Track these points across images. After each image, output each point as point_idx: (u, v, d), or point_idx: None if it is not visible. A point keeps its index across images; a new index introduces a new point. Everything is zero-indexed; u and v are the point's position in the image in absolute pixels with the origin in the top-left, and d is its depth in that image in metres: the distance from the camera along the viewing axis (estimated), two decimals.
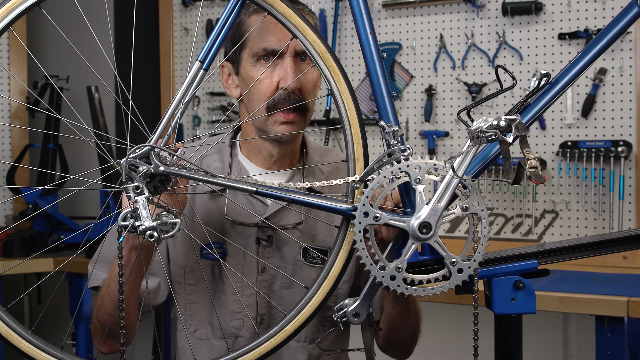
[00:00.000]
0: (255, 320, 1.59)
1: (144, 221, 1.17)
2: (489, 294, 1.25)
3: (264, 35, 1.52)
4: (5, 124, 3.71)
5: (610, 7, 2.86)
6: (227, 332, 1.59)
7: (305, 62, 1.54)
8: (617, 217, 2.82)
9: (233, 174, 1.62)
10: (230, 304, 1.59)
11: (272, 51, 1.52)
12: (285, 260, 1.60)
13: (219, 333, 1.60)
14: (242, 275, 1.58)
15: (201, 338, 1.62)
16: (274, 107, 1.51)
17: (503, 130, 1.15)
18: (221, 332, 1.59)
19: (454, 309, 2.62)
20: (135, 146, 1.21)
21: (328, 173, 1.69)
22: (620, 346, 2.23)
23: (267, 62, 1.52)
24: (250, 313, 1.58)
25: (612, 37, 1.21)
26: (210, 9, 3.65)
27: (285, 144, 1.60)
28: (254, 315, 1.59)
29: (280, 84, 1.51)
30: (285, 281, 1.60)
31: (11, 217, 3.72)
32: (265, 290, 1.60)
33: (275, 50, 1.51)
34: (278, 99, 1.51)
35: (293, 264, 1.61)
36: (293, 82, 1.49)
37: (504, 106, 3.02)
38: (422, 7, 3.19)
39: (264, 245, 1.59)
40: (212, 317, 1.60)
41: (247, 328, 1.59)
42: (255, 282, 1.59)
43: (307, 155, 1.68)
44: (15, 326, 1.23)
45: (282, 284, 1.60)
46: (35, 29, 4.06)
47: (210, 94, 3.64)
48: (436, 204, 1.20)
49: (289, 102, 1.51)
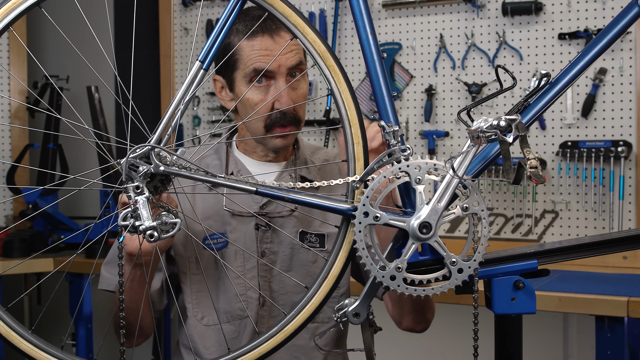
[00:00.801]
0: (258, 301, 1.66)
1: (144, 221, 1.17)
2: (489, 294, 1.25)
3: (253, 57, 1.61)
4: (5, 124, 3.71)
5: (610, 7, 2.86)
6: (233, 315, 1.67)
7: (295, 77, 1.64)
8: (617, 217, 2.82)
9: (230, 167, 1.71)
10: (234, 287, 1.66)
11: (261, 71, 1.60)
12: (283, 244, 1.69)
13: (225, 317, 1.67)
14: (243, 261, 1.67)
15: (209, 324, 1.69)
16: (271, 125, 1.62)
17: (503, 130, 1.15)
18: (227, 316, 1.67)
19: (454, 309, 2.62)
20: (136, 146, 1.21)
21: (318, 169, 1.79)
22: (620, 346, 2.23)
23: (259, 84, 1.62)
24: (253, 294, 1.66)
25: (612, 37, 1.21)
26: (210, 9, 3.65)
27: (280, 150, 1.71)
28: (256, 296, 1.66)
29: (275, 105, 1.61)
30: (284, 265, 1.68)
31: (11, 217, 3.72)
32: (266, 274, 1.68)
33: (268, 70, 1.60)
34: (275, 118, 1.62)
35: (291, 248, 1.69)
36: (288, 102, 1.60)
37: (504, 106, 3.02)
38: (422, 7, 3.19)
39: (263, 230, 1.67)
40: (218, 303, 1.68)
41: (252, 309, 1.66)
42: (257, 265, 1.67)
43: (298, 149, 1.78)
44: (15, 326, 1.23)
45: (282, 267, 1.68)
46: (35, 29, 4.06)
47: (210, 94, 3.64)
48: (436, 204, 1.20)
49: (284, 121, 1.62)
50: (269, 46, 1.60)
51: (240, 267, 1.67)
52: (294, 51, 1.62)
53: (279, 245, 1.69)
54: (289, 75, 1.63)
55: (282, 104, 1.60)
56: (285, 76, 1.62)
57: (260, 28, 1.60)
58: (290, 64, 1.61)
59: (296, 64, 1.62)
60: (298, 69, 1.64)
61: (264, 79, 1.61)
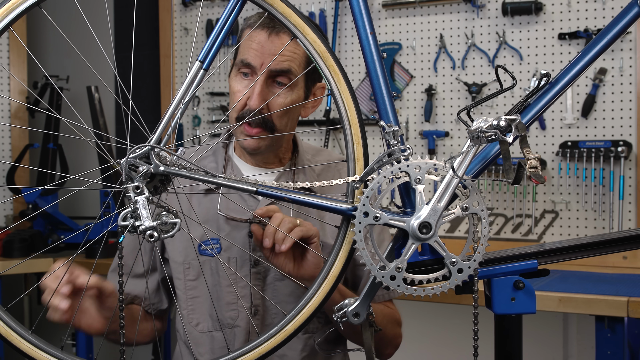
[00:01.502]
0: (249, 310, 1.63)
1: (144, 221, 1.17)
2: (489, 294, 1.25)
3: (246, 48, 1.59)
4: (5, 124, 3.71)
5: (610, 7, 2.86)
6: (224, 323, 1.65)
7: (280, 87, 1.59)
8: (617, 217, 2.82)
9: (227, 172, 1.69)
10: (226, 295, 1.64)
11: (247, 64, 1.58)
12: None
13: (218, 324, 1.65)
14: (236, 268, 1.64)
15: (203, 331, 1.67)
16: (240, 119, 1.58)
17: (503, 130, 1.15)
18: (219, 323, 1.64)
19: (454, 309, 2.62)
20: (135, 146, 1.21)
21: (319, 171, 1.75)
22: (620, 346, 2.23)
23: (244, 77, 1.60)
24: (244, 304, 1.63)
25: (612, 37, 1.21)
26: (210, 9, 3.65)
27: (253, 155, 1.68)
28: (248, 305, 1.63)
29: (247, 102, 1.57)
30: (278, 273, 1.62)
31: (11, 217, 3.72)
32: (259, 282, 1.65)
33: (250, 64, 1.57)
34: (244, 114, 1.57)
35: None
36: (256, 102, 1.55)
37: (504, 106, 3.02)
38: (422, 7, 3.19)
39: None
40: (212, 310, 1.65)
41: (242, 318, 1.63)
42: (249, 274, 1.64)
43: (298, 154, 1.74)
44: (15, 326, 1.23)
45: (276, 275, 1.64)
46: (35, 29, 4.06)
47: (210, 94, 3.64)
48: (436, 204, 1.20)
49: (253, 121, 1.58)
50: (262, 42, 1.57)
51: (233, 275, 1.64)
52: (285, 56, 1.57)
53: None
54: (271, 78, 1.58)
55: (251, 102, 1.56)
56: (267, 78, 1.57)
57: (265, 23, 1.58)
58: (274, 67, 1.56)
59: (281, 70, 1.57)
60: (285, 77, 1.58)
61: (250, 73, 1.59)
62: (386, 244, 1.75)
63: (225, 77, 3.60)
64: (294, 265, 1.46)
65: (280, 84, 1.59)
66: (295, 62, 1.58)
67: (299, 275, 1.48)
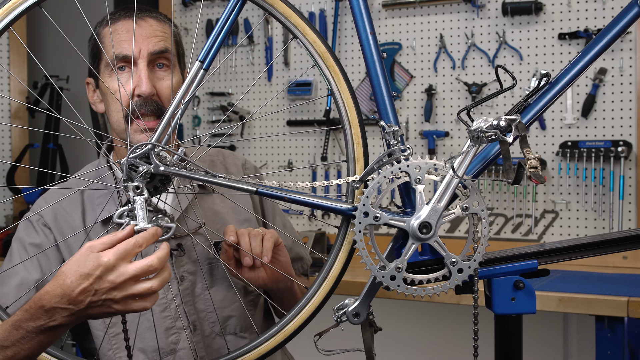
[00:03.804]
0: (189, 329, 1.56)
1: (139, 221, 1.17)
2: (489, 294, 1.25)
3: (116, 42, 1.51)
4: (5, 124, 3.71)
5: (610, 7, 2.86)
6: (166, 350, 1.54)
7: (163, 69, 1.53)
8: (617, 217, 2.82)
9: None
10: (162, 321, 1.54)
11: (124, 57, 1.50)
12: (199, 262, 1.58)
13: (155, 355, 1.54)
14: (166, 291, 1.55)
15: None
16: (130, 114, 1.47)
17: (503, 130, 1.15)
18: (157, 354, 1.53)
19: (454, 309, 2.62)
20: (135, 146, 1.21)
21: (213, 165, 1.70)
22: (620, 346, 2.23)
23: (122, 72, 1.51)
24: (183, 323, 1.56)
25: (612, 37, 1.21)
26: (210, 9, 3.65)
27: None
28: (186, 324, 1.56)
29: (136, 90, 1.49)
30: (205, 282, 1.58)
31: (11, 217, 3.72)
32: (189, 297, 1.57)
33: (128, 56, 1.50)
34: (135, 105, 1.48)
35: (208, 263, 1.60)
36: (148, 87, 1.48)
37: (504, 106, 3.02)
38: (422, 7, 3.19)
39: (176, 255, 1.55)
40: (143, 342, 1.54)
41: (184, 339, 1.55)
42: (179, 292, 1.56)
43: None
44: None
45: (203, 285, 1.58)
46: (35, 29, 4.06)
47: (210, 94, 3.64)
48: (436, 204, 1.20)
49: (145, 109, 1.49)
50: (131, 30, 1.50)
51: (163, 299, 1.54)
52: (158, 37, 1.52)
53: (195, 264, 1.58)
54: (152, 62, 1.52)
55: (142, 89, 1.47)
56: (147, 62, 1.50)
57: (124, 13, 1.53)
58: (152, 49, 1.50)
59: (159, 51, 1.51)
60: (164, 57, 1.52)
61: (126, 66, 1.51)
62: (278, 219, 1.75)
63: (225, 76, 3.60)
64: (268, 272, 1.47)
65: (161, 65, 1.53)
66: (168, 41, 1.54)
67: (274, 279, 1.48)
